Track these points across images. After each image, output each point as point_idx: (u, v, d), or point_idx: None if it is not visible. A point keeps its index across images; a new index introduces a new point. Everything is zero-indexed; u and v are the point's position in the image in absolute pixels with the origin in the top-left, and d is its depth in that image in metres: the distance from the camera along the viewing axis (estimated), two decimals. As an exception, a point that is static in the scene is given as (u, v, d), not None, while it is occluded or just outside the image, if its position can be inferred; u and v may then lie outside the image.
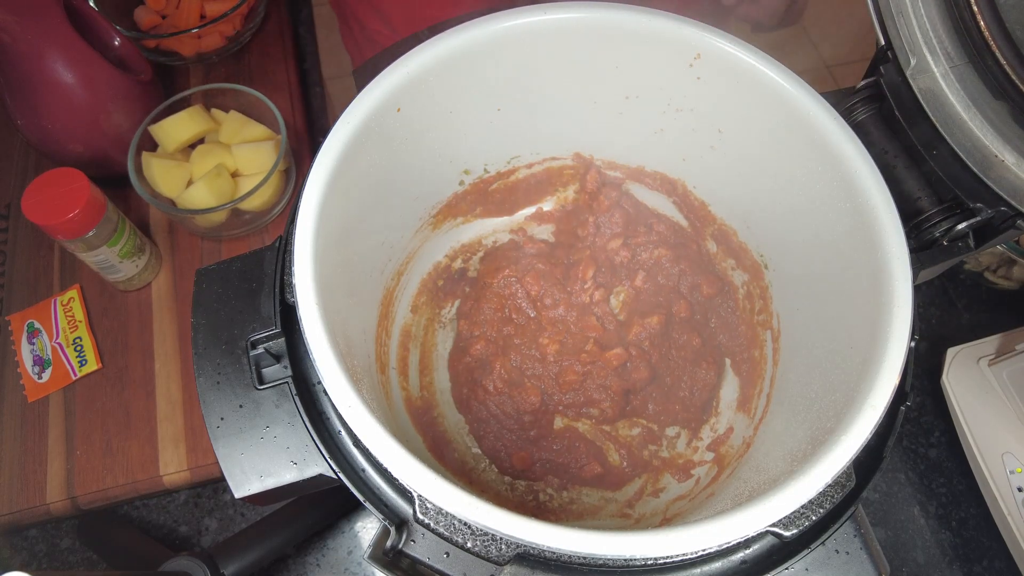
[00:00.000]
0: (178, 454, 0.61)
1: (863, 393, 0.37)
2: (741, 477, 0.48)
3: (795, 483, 0.34)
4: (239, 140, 0.68)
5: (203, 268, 0.46)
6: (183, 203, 0.65)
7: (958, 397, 0.60)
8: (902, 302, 0.39)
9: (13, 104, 0.64)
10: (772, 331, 0.53)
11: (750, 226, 0.54)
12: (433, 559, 0.35)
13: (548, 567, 0.35)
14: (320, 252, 0.40)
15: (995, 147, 0.38)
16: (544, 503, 0.53)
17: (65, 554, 0.61)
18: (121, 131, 0.66)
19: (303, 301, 0.38)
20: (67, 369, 0.64)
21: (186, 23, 0.77)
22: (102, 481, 0.60)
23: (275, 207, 0.69)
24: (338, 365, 0.36)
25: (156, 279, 0.69)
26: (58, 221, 0.56)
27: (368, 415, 0.35)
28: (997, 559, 0.60)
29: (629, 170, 0.59)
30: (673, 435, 0.55)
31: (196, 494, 0.63)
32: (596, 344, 0.55)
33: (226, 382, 0.42)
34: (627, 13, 0.46)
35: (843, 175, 0.43)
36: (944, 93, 0.39)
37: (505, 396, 0.54)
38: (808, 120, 0.44)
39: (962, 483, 0.63)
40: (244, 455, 0.40)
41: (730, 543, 0.34)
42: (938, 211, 0.44)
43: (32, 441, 0.62)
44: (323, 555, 0.60)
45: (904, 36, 0.40)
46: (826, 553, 0.38)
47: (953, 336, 0.67)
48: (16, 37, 0.59)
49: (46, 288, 0.69)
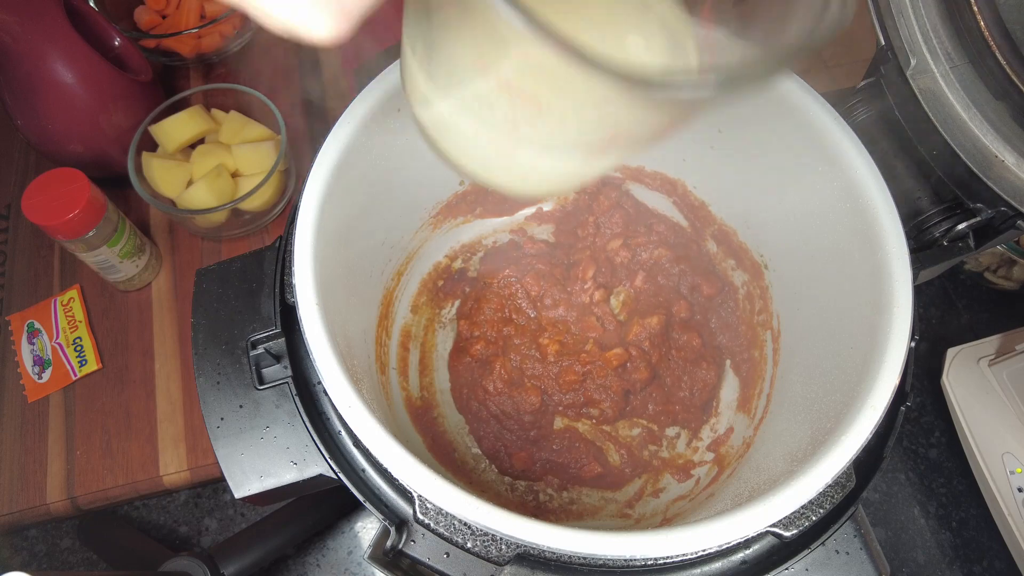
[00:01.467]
0: (178, 454, 0.61)
1: (863, 393, 0.37)
2: (741, 477, 0.47)
3: (795, 483, 0.34)
4: (239, 140, 0.68)
5: (203, 268, 0.46)
6: (183, 203, 0.65)
7: (958, 397, 0.60)
8: (902, 302, 0.39)
9: (13, 104, 0.64)
10: (772, 331, 0.53)
11: (750, 226, 0.54)
12: (433, 559, 0.35)
13: (548, 567, 0.35)
14: (320, 252, 0.40)
15: (995, 147, 0.38)
16: (544, 503, 0.53)
17: (65, 554, 0.61)
18: (121, 131, 0.66)
19: (303, 301, 0.38)
20: (67, 369, 0.64)
21: (186, 23, 0.77)
22: (102, 481, 0.60)
23: (275, 207, 0.69)
24: (338, 365, 0.36)
25: (156, 279, 0.69)
26: (58, 221, 0.56)
27: (368, 415, 0.35)
28: (997, 559, 0.60)
29: (629, 170, 0.59)
30: (673, 435, 0.55)
31: (196, 494, 0.63)
32: (596, 344, 0.55)
33: (226, 382, 0.42)
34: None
35: (843, 175, 0.43)
36: (944, 93, 0.39)
37: (505, 396, 0.54)
38: (808, 120, 0.44)
39: (962, 483, 0.63)
40: (244, 455, 0.40)
41: (730, 543, 0.34)
42: (938, 211, 0.44)
43: (32, 441, 0.62)
44: (323, 555, 0.60)
45: (904, 36, 0.40)
46: (826, 553, 0.38)
47: (953, 336, 0.67)
48: (16, 37, 0.59)
49: (46, 288, 0.69)
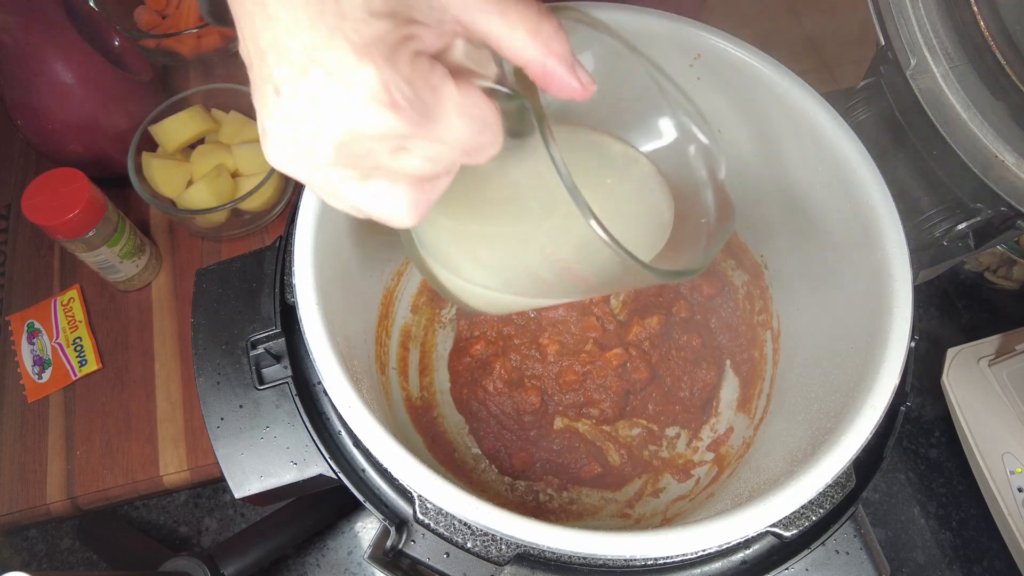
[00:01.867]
0: (178, 454, 0.61)
1: (863, 393, 0.37)
2: (741, 477, 0.47)
3: (795, 483, 0.34)
4: (239, 140, 0.68)
5: (203, 268, 0.46)
6: (183, 203, 0.65)
7: (958, 397, 0.60)
8: (902, 302, 0.39)
9: (13, 104, 0.64)
10: (772, 331, 0.53)
11: (750, 226, 0.54)
12: (433, 559, 0.35)
13: (548, 567, 0.35)
14: (320, 252, 0.40)
15: (995, 147, 0.38)
16: (544, 503, 0.53)
17: (65, 554, 0.61)
18: (121, 131, 0.66)
19: (303, 301, 0.38)
20: (67, 369, 0.64)
21: (186, 23, 0.77)
22: (102, 481, 0.60)
23: (275, 207, 0.69)
24: (338, 365, 0.36)
25: (156, 279, 0.69)
26: (58, 221, 0.56)
27: (368, 415, 0.35)
28: (997, 559, 0.60)
29: (629, 170, 0.59)
30: (673, 435, 0.55)
31: (196, 494, 0.63)
32: (596, 344, 0.55)
33: (226, 382, 0.42)
34: (626, 13, 0.46)
35: (843, 175, 0.43)
36: (944, 93, 0.39)
37: (505, 396, 0.54)
38: (808, 120, 0.44)
39: (962, 483, 0.63)
40: (244, 455, 0.40)
41: (730, 543, 0.34)
42: (938, 211, 0.44)
43: (32, 441, 0.62)
44: (323, 555, 0.60)
45: (904, 36, 0.40)
46: (826, 553, 0.38)
47: (953, 336, 0.67)
48: (16, 37, 0.59)
49: (46, 288, 0.69)
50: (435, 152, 0.24)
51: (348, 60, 0.21)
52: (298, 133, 0.23)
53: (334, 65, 0.21)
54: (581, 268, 0.31)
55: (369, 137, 0.23)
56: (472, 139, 0.24)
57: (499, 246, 0.33)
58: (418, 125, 0.23)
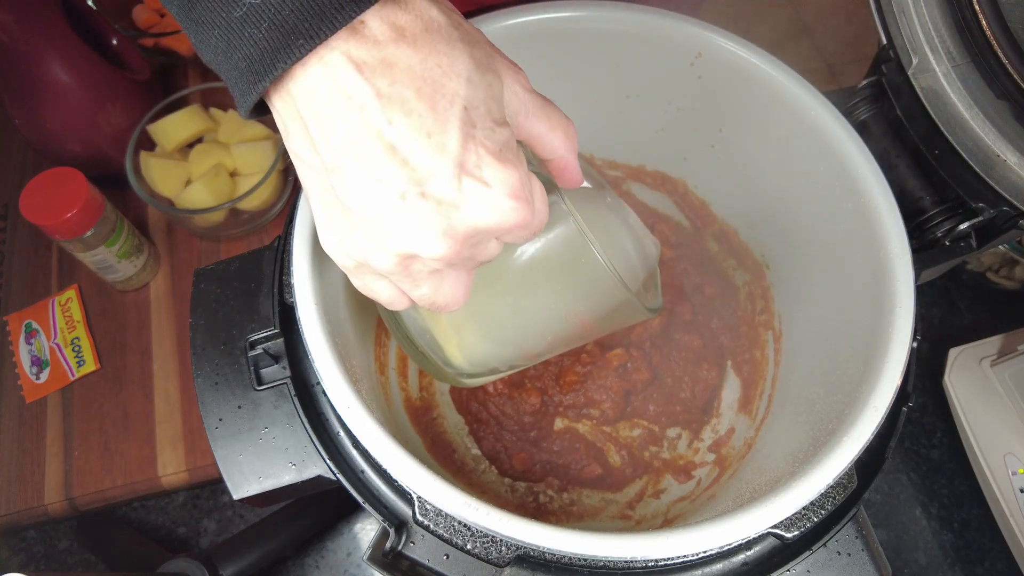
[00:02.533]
0: (176, 455, 0.61)
1: (865, 394, 0.37)
2: (742, 478, 0.47)
3: (797, 484, 0.34)
4: (237, 139, 0.68)
5: (201, 268, 0.45)
6: (181, 203, 0.65)
7: (960, 398, 0.60)
8: (904, 302, 0.38)
9: (11, 103, 0.64)
10: (774, 332, 0.53)
11: (751, 226, 0.54)
12: (433, 561, 0.35)
13: (548, 569, 0.35)
14: (319, 252, 0.40)
15: (997, 147, 0.38)
16: (544, 504, 0.53)
17: (63, 555, 0.61)
18: (119, 130, 0.66)
19: (302, 301, 0.38)
20: (65, 370, 0.64)
21: (185, 22, 0.77)
22: (100, 482, 0.60)
23: (274, 207, 0.69)
24: (337, 366, 0.36)
25: (154, 279, 0.69)
26: (56, 221, 0.56)
27: (367, 416, 0.35)
28: (999, 560, 0.60)
29: (629, 169, 0.59)
30: (674, 436, 0.55)
31: (194, 495, 0.63)
32: (596, 344, 0.55)
33: (224, 383, 0.42)
34: (628, 12, 0.46)
35: (845, 175, 0.43)
36: (946, 92, 0.39)
37: (505, 397, 0.54)
38: (810, 119, 0.44)
39: (964, 484, 0.63)
40: (243, 456, 0.40)
41: (731, 545, 0.34)
42: (940, 211, 0.44)
43: (30, 442, 0.62)
44: (322, 557, 0.60)
45: (906, 35, 0.40)
46: (828, 555, 0.37)
47: (955, 336, 0.67)
48: (14, 36, 0.59)
49: (44, 288, 0.69)
50: (526, 236, 0.28)
51: (490, 164, 0.25)
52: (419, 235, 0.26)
53: (477, 169, 0.25)
54: (591, 318, 0.35)
55: (498, 231, 0.26)
56: (544, 220, 0.29)
57: (511, 310, 0.37)
58: (532, 214, 0.27)
